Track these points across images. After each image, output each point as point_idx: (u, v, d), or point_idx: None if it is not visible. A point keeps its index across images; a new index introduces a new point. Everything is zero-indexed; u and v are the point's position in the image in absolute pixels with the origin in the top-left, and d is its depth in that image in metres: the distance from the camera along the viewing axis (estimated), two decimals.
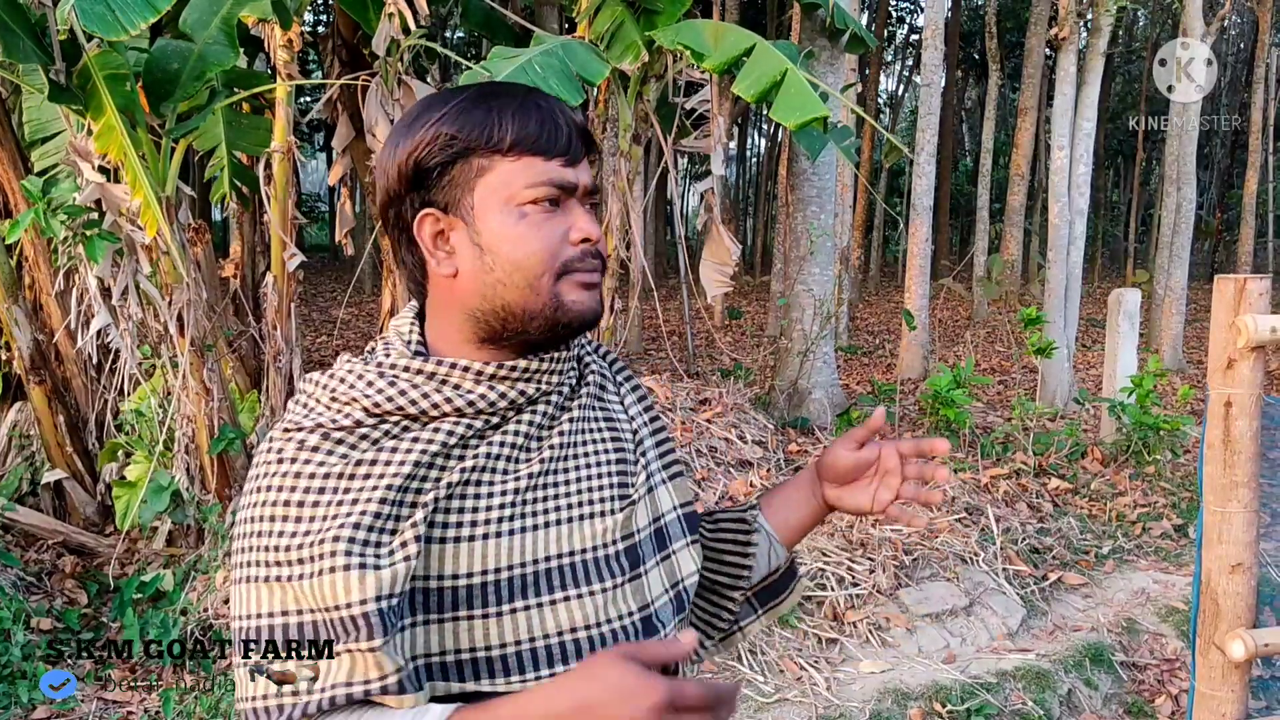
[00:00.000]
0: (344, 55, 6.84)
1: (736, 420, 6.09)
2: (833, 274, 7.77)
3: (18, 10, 4.26)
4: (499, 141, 1.06)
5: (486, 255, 1.07)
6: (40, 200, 4.53)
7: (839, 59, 7.51)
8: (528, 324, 1.08)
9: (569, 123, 1.09)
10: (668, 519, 1.21)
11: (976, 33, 24.96)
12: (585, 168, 1.11)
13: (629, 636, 1.10)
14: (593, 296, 1.10)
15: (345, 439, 1.04)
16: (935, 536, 5.13)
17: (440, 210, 1.09)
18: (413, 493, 1.02)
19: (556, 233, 1.07)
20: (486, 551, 1.04)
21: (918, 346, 10.47)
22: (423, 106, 1.10)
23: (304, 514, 1.00)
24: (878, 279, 22.05)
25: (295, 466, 1.02)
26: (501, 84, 1.11)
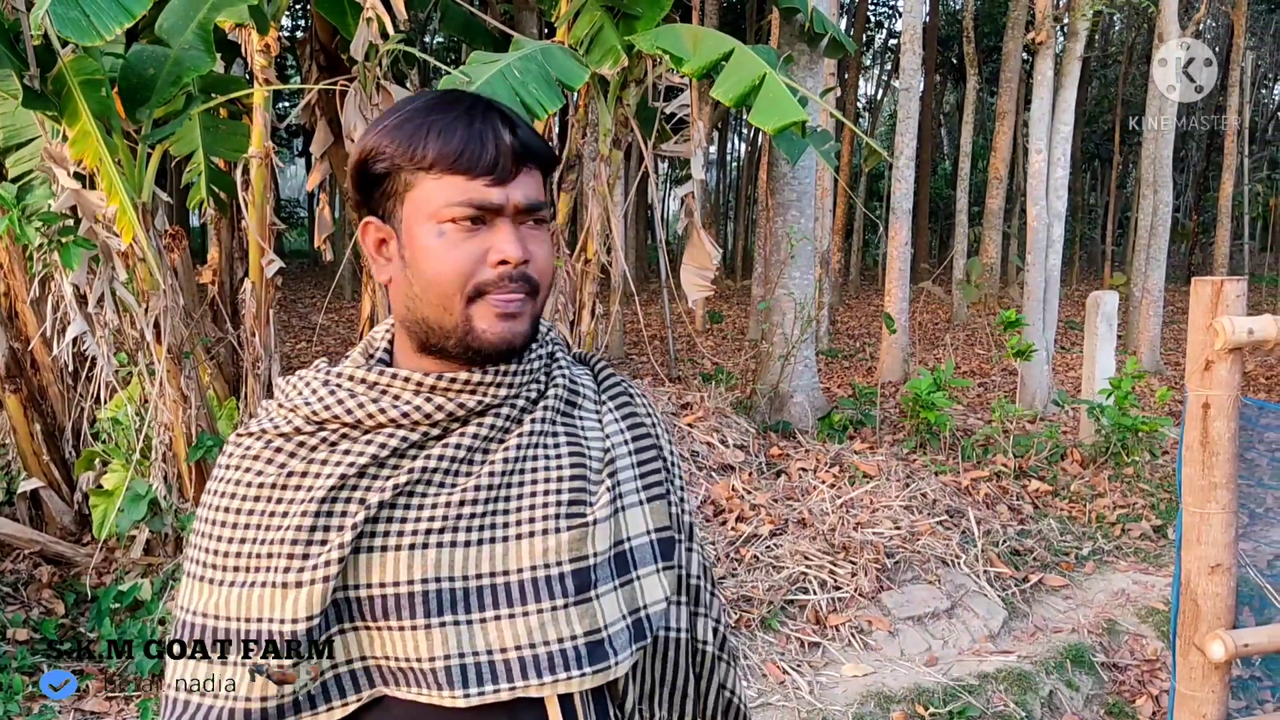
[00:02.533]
0: (322, 60, 6.82)
1: (718, 424, 6.09)
2: (813, 278, 7.79)
3: None
4: (422, 159, 1.06)
5: (409, 269, 1.09)
6: (14, 207, 4.49)
7: (818, 63, 7.53)
8: (444, 340, 1.09)
9: (498, 142, 1.07)
10: (635, 543, 1.18)
11: (954, 37, 25.09)
12: (523, 185, 1.09)
13: (570, 660, 1.08)
14: (508, 327, 1.08)
15: (283, 446, 1.07)
16: (917, 539, 5.15)
17: (380, 219, 1.12)
18: (342, 503, 1.05)
19: (473, 253, 1.06)
20: (414, 562, 1.05)
21: (898, 349, 10.50)
22: (383, 114, 1.12)
23: (239, 522, 1.05)
24: (858, 282, 22.11)
25: (236, 474, 1.07)
26: (449, 97, 1.11)
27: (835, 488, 5.72)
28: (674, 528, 1.23)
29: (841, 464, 6.17)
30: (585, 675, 1.08)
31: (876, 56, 30.70)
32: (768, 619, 4.46)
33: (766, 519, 5.23)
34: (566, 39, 6.15)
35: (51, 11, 3.77)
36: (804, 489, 5.73)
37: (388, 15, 5.39)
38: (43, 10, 3.79)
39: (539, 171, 1.12)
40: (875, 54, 30.42)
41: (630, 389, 1.29)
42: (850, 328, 15.85)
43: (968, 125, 17.20)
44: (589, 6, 6.00)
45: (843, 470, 6.06)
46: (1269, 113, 30.72)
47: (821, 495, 5.53)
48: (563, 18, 6.19)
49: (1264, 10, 22.66)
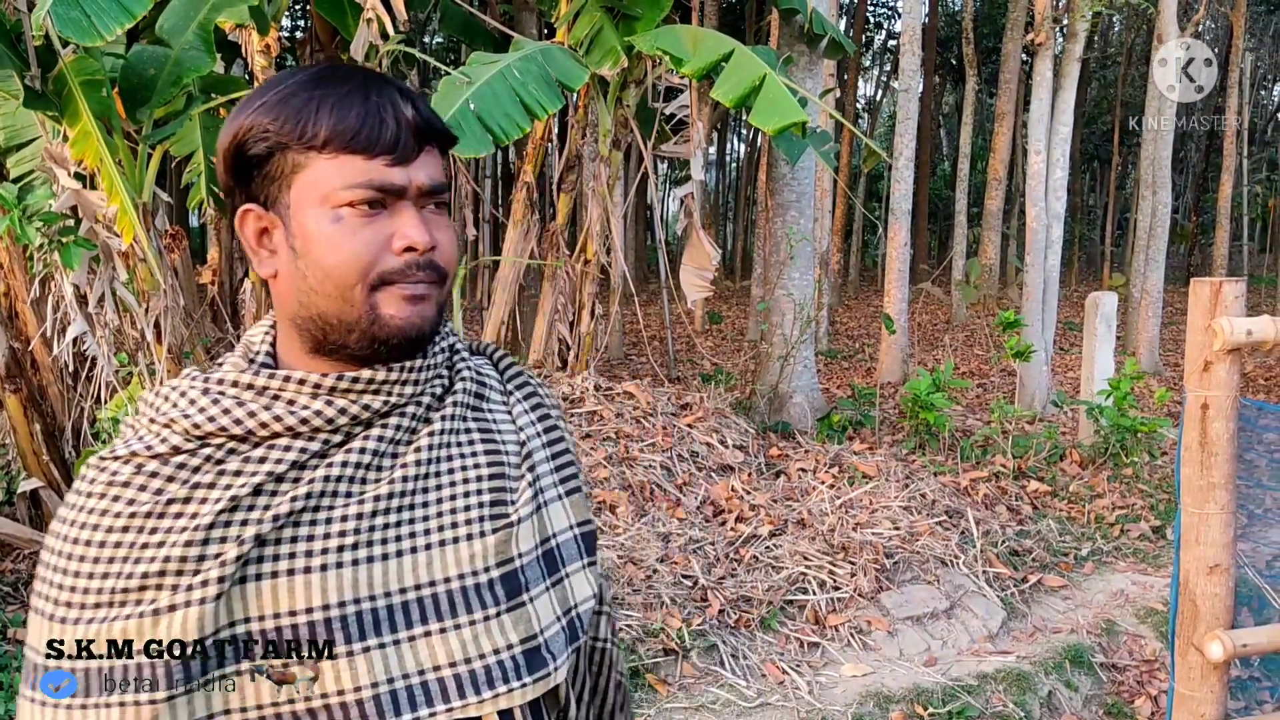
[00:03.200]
0: (322, 61, 6.81)
1: (718, 425, 6.10)
2: (813, 278, 7.80)
3: None
4: (313, 137, 0.95)
5: (300, 260, 0.97)
6: (15, 207, 4.49)
7: (817, 64, 7.55)
8: (345, 336, 0.98)
9: (398, 117, 0.96)
10: (561, 539, 1.09)
11: (954, 38, 25.10)
12: (424, 165, 0.98)
13: (507, 673, 0.98)
14: (418, 311, 0.98)
15: (159, 470, 0.93)
16: (916, 540, 5.15)
17: (261, 206, 0.99)
18: (236, 526, 0.92)
19: (376, 239, 0.96)
20: (326, 585, 0.93)
21: (897, 350, 10.51)
22: (257, 89, 1.00)
23: (103, 555, 0.90)
24: (857, 283, 22.13)
25: (102, 504, 0.92)
26: (337, 70, 0.99)
27: (835, 488, 5.73)
28: (593, 521, 1.16)
29: (841, 464, 6.18)
30: (526, 686, 0.99)
31: (875, 57, 30.71)
32: (767, 619, 4.47)
33: (766, 519, 5.23)
34: (566, 40, 6.16)
35: (53, 12, 3.78)
36: (803, 489, 5.73)
37: (388, 16, 5.40)
38: (44, 11, 3.80)
39: (441, 151, 1.02)
40: (874, 55, 30.44)
41: (533, 379, 1.19)
42: (849, 328, 15.86)
43: (967, 126, 17.22)
44: (589, 7, 6.01)
45: (842, 471, 6.07)
46: (1268, 114, 30.75)
47: (821, 496, 5.54)
48: (563, 18, 6.20)
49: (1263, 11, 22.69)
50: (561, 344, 6.51)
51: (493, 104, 4.97)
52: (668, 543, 4.90)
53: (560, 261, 6.41)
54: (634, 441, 5.68)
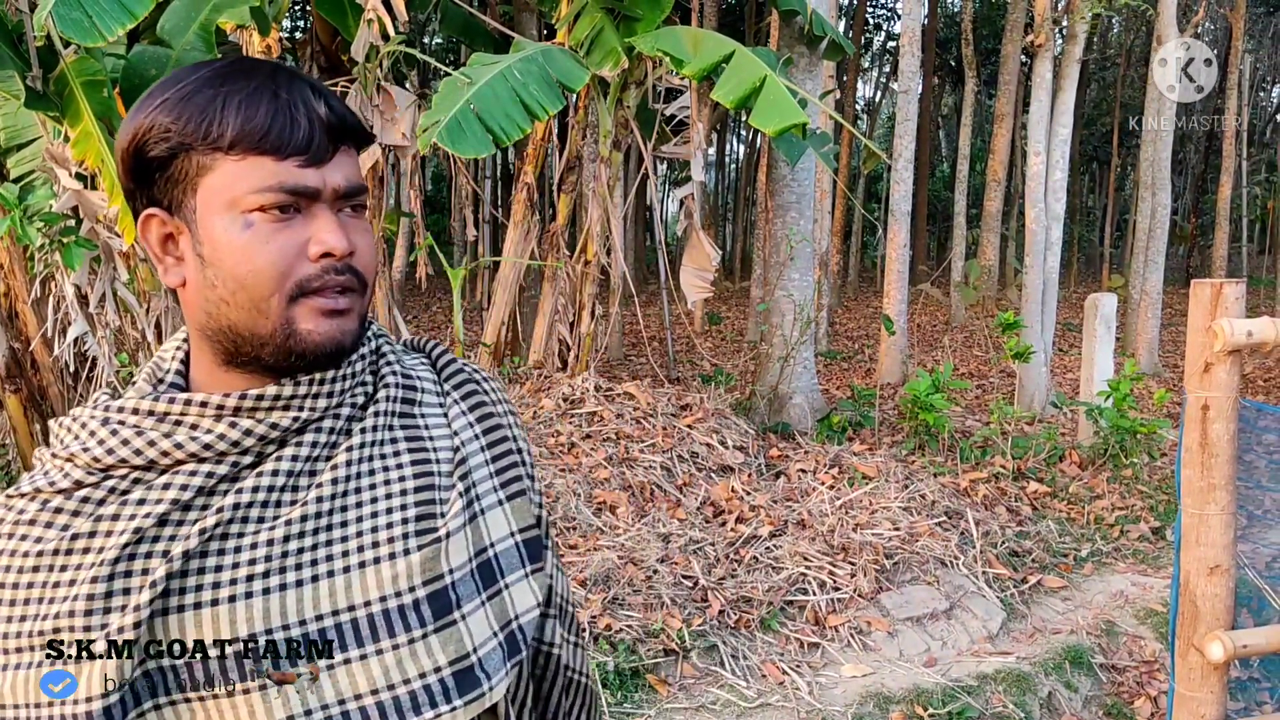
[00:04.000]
0: (322, 61, 6.83)
1: (717, 425, 6.10)
2: (812, 279, 7.81)
3: None
4: (219, 138, 0.88)
5: (209, 268, 0.91)
6: (16, 207, 4.50)
7: (817, 66, 7.55)
8: (259, 349, 0.92)
9: (310, 115, 0.91)
10: (499, 549, 1.03)
11: (953, 39, 25.12)
12: (340, 166, 0.93)
13: (435, 696, 0.93)
14: (338, 325, 0.93)
15: (64, 505, 0.89)
16: (916, 540, 5.16)
17: (165, 211, 0.93)
18: (141, 558, 0.87)
19: (291, 246, 0.90)
20: (236, 616, 0.88)
21: (896, 351, 10.52)
22: (157, 86, 0.94)
23: (14, 598, 0.87)
24: (856, 284, 22.14)
25: (10, 544, 0.89)
26: (243, 63, 0.94)
27: (834, 489, 5.73)
28: (539, 527, 1.09)
29: (841, 465, 6.18)
30: (456, 710, 0.93)
31: (875, 59, 30.71)
32: (767, 620, 4.47)
33: (766, 520, 5.24)
34: (567, 41, 6.17)
35: (54, 13, 3.79)
36: (803, 490, 5.74)
37: (389, 16, 5.41)
38: (46, 11, 3.80)
39: (357, 150, 0.97)
40: (873, 57, 30.45)
41: (477, 375, 1.12)
42: (849, 329, 15.87)
43: (966, 128, 17.23)
44: (590, 8, 6.02)
45: (842, 471, 6.07)
46: (1267, 115, 30.76)
47: (821, 496, 5.55)
48: (563, 19, 6.21)
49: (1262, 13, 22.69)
50: (562, 344, 6.51)
51: (494, 105, 4.97)
52: (668, 543, 4.91)
53: (560, 262, 6.42)
54: (634, 442, 5.68)
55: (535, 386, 6.09)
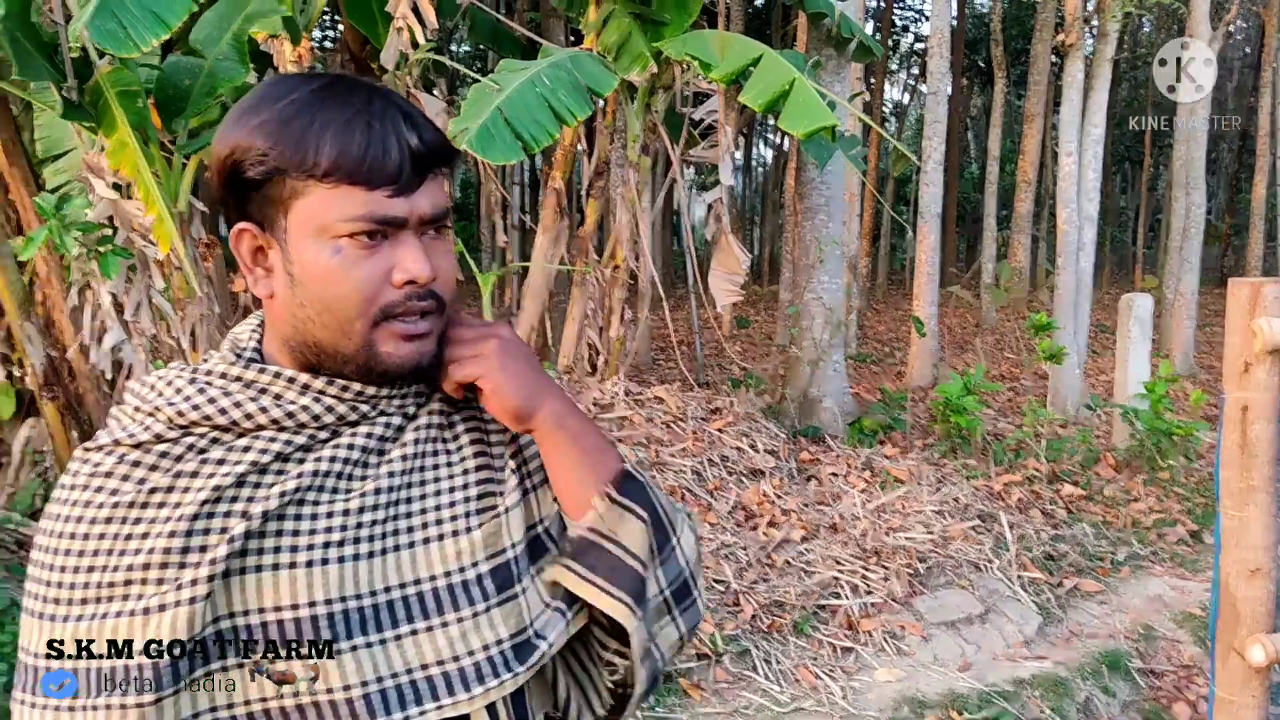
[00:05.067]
0: (352, 69, 6.87)
1: (748, 430, 6.09)
2: (842, 282, 7.77)
3: (31, 29, 4.30)
4: (313, 166, 0.91)
5: (297, 288, 0.95)
6: (54, 217, 4.55)
7: (845, 68, 7.53)
8: (342, 365, 0.97)
9: (402, 146, 0.94)
10: (547, 522, 1.07)
11: (982, 40, 24.96)
12: (427, 193, 0.96)
13: (497, 667, 0.97)
14: (416, 348, 0.97)
15: (142, 459, 0.92)
16: (949, 544, 5.12)
17: (258, 226, 0.97)
18: (220, 517, 0.90)
19: (375, 273, 0.94)
20: (313, 581, 0.92)
21: (927, 354, 10.46)
22: (254, 99, 0.96)
23: (89, 548, 0.89)
24: (885, 287, 22.03)
25: (85, 495, 0.91)
26: (339, 86, 0.96)
27: (866, 492, 5.71)
28: None
29: (872, 469, 6.15)
30: (518, 675, 0.98)
31: (903, 61, 30.59)
32: (800, 624, 4.46)
33: (798, 524, 5.22)
34: (595, 46, 6.18)
35: (90, 24, 3.84)
36: (835, 494, 5.71)
37: (418, 24, 5.44)
38: (81, 23, 3.85)
39: (445, 173, 1.00)
40: (902, 59, 30.32)
41: None
42: (878, 332, 15.79)
43: (995, 129, 17.12)
44: (617, 14, 6.03)
45: (874, 475, 6.04)
46: None
47: (853, 500, 5.52)
48: (591, 25, 6.22)
49: None
50: (591, 349, 6.52)
51: (523, 111, 4.99)
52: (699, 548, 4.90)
53: (589, 267, 6.43)
54: (664, 446, 5.68)
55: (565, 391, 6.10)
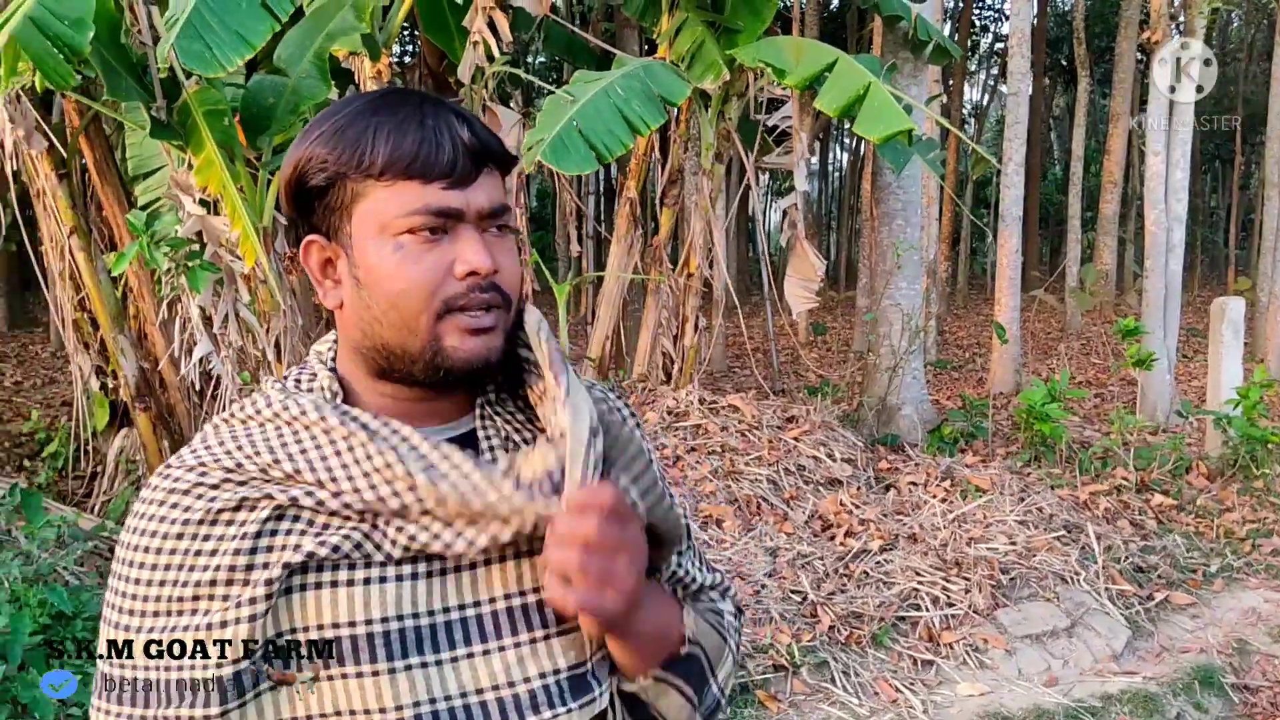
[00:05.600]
0: (430, 84, 6.99)
1: (824, 438, 6.03)
2: (920, 288, 7.66)
3: (121, 50, 4.45)
4: (370, 165, 0.94)
5: (363, 289, 0.97)
6: (144, 233, 4.70)
7: (922, 71, 7.43)
8: (410, 366, 0.98)
9: (454, 140, 0.95)
10: None
11: (1064, 38, 24.45)
12: (484, 187, 0.97)
13: (553, 697, 0.97)
14: (483, 342, 0.97)
15: (211, 477, 0.94)
16: (1033, 555, 5.01)
17: (324, 237, 0.99)
18: (283, 535, 0.92)
19: (438, 266, 0.95)
20: (370, 599, 0.93)
21: (1010, 360, 10.25)
22: (315, 120, 1.00)
23: (159, 562, 0.91)
24: (966, 292, 21.66)
25: (160, 510, 0.93)
26: (391, 95, 0.99)
27: (946, 502, 5.61)
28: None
29: (953, 478, 6.04)
30: (572, 711, 0.97)
31: (982, 62, 30.10)
32: (879, 636, 4.39)
33: (876, 534, 5.15)
34: (668, 55, 6.19)
35: (176, 45, 3.95)
36: (914, 503, 5.63)
37: (493, 38, 5.50)
38: (168, 44, 3.97)
39: (501, 173, 1.01)
40: (981, 59, 29.84)
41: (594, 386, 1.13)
42: (959, 338, 15.54)
43: (1079, 128, 16.74)
44: (690, 22, 6.03)
45: (954, 484, 5.94)
46: None
47: (932, 510, 5.43)
48: (664, 34, 6.23)
49: None
50: (665, 358, 6.52)
51: (596, 121, 5.02)
52: (775, 557, 4.86)
53: (663, 276, 6.43)
54: (739, 455, 5.65)
55: (639, 400, 6.11)
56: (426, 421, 1.03)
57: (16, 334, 14.70)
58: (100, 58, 4.27)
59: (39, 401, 9.52)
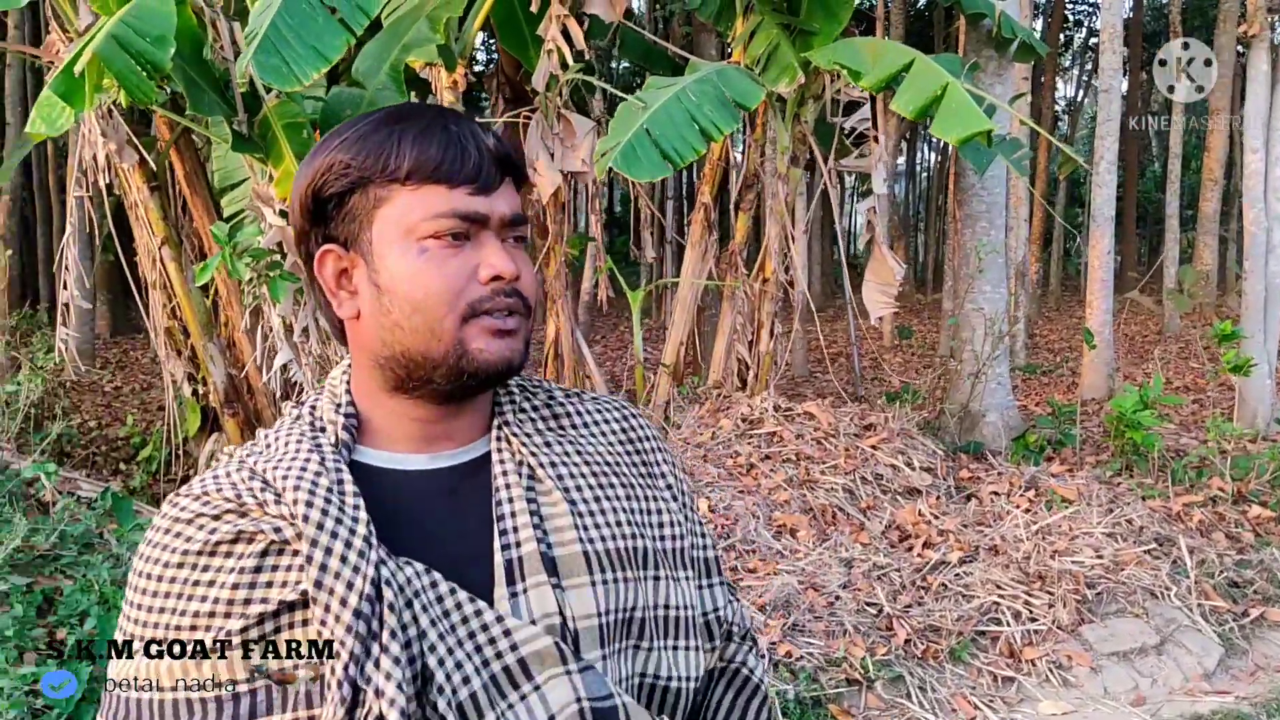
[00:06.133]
0: (508, 93, 7.04)
1: (903, 446, 5.91)
2: (1005, 291, 7.47)
3: (204, 66, 4.57)
4: (396, 169, 0.95)
5: (384, 295, 0.97)
6: (227, 244, 4.82)
7: (1007, 69, 7.25)
8: (432, 372, 0.97)
9: (479, 147, 0.97)
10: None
11: (1160, 32, 23.70)
12: (505, 196, 0.99)
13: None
14: (508, 345, 0.98)
15: (214, 508, 0.95)
16: (1121, 569, 4.83)
17: (341, 246, 0.99)
18: (282, 571, 0.93)
19: (463, 270, 0.96)
20: None
21: (1101, 365, 9.93)
22: (330, 134, 1.01)
23: (160, 589, 0.93)
24: (1059, 293, 21.10)
25: (165, 539, 0.94)
26: (413, 106, 1.01)
27: (1030, 513, 5.45)
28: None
29: (1037, 487, 5.87)
30: None
31: (1075, 57, 29.33)
32: (957, 650, 4.28)
33: (955, 545, 5.03)
34: (743, 59, 6.14)
35: (254, 60, 4.04)
36: (996, 514, 5.48)
37: (567, 46, 5.52)
38: (246, 59, 4.06)
39: (517, 184, 1.03)
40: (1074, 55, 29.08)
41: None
42: (1050, 341, 15.14)
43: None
44: (765, 25, 5.97)
45: (1039, 494, 5.76)
46: None
47: (1015, 520, 5.28)
48: (739, 38, 6.19)
49: None
50: (741, 364, 6.47)
51: (668, 127, 4.99)
52: (850, 568, 4.78)
53: (738, 282, 6.38)
54: (815, 463, 5.56)
55: (714, 406, 6.06)
56: (442, 445, 1.03)
57: (118, 340, 15.23)
58: (183, 73, 4.39)
59: (136, 406, 9.84)
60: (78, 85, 3.97)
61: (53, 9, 5.55)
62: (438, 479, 1.02)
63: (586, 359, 6.42)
